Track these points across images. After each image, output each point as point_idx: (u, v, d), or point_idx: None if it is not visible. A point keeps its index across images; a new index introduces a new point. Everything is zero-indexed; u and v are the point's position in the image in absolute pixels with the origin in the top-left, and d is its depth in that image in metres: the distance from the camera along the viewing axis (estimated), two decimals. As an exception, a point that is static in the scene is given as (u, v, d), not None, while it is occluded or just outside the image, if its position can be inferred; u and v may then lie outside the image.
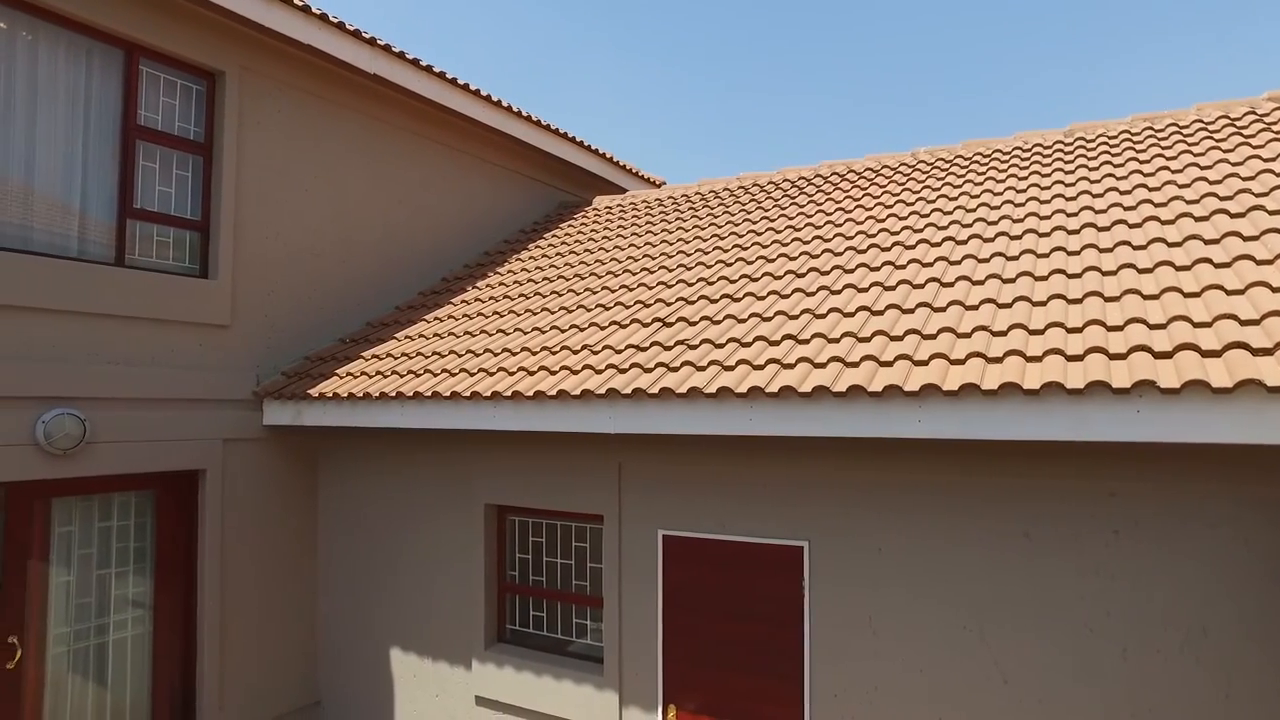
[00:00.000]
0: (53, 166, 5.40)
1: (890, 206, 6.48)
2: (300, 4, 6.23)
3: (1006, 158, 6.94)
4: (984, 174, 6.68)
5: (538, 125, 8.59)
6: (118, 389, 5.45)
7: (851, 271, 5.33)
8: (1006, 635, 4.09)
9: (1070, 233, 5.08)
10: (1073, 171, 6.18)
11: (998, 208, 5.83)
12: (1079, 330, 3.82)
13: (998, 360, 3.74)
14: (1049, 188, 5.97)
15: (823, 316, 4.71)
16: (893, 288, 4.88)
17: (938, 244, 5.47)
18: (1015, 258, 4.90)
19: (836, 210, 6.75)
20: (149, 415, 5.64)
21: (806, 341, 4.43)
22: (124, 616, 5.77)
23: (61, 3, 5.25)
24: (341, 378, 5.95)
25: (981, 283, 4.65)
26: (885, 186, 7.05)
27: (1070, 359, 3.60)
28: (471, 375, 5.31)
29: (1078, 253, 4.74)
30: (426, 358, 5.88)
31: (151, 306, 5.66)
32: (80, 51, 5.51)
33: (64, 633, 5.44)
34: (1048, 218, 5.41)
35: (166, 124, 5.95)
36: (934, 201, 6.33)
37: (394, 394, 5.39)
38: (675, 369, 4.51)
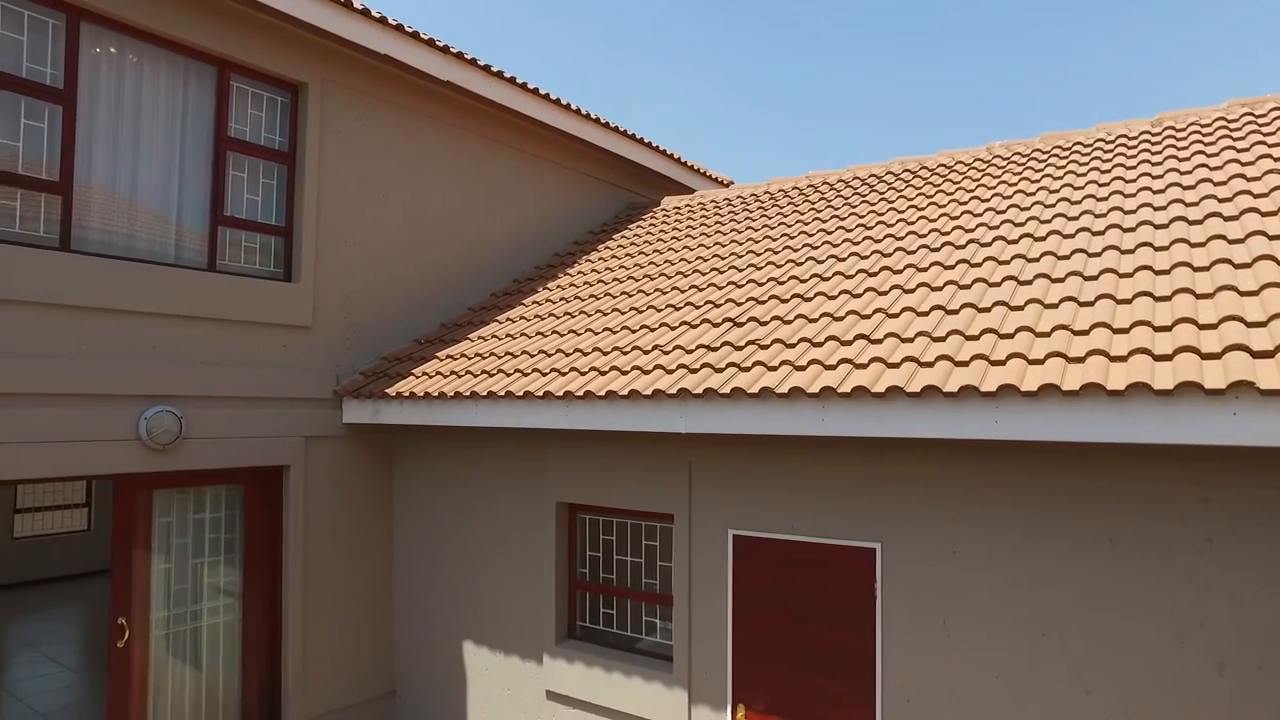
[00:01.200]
0: (153, 179, 5.71)
1: (965, 203, 6.34)
2: (378, 16, 6.43)
3: (1088, 150, 6.71)
4: (1063, 168, 6.47)
5: (606, 127, 8.68)
6: (210, 387, 5.73)
7: (925, 270, 5.24)
8: (1089, 643, 3.96)
9: (1158, 227, 4.89)
10: (1160, 163, 5.94)
11: (1078, 202, 5.65)
12: (1168, 329, 3.68)
13: (1079, 360, 3.63)
14: (1134, 180, 5.76)
15: (896, 316, 4.64)
16: (968, 286, 4.79)
17: (1014, 240, 5.33)
18: (1098, 254, 4.74)
19: (909, 207, 6.63)
20: (238, 413, 5.91)
21: (879, 341, 4.38)
22: (216, 603, 6.06)
23: (163, 26, 5.55)
24: (417, 377, 6.13)
25: (1061, 280, 4.52)
26: (959, 183, 6.90)
27: (1158, 359, 3.47)
28: (543, 375, 5.41)
29: (1166, 248, 4.56)
30: (499, 358, 6.01)
31: (240, 309, 5.93)
32: (179, 70, 5.82)
33: (163, 616, 5.75)
34: (1132, 212, 5.22)
35: (254, 135, 6.23)
36: (1010, 197, 6.17)
37: (468, 393, 5.53)
38: (746, 369, 4.51)
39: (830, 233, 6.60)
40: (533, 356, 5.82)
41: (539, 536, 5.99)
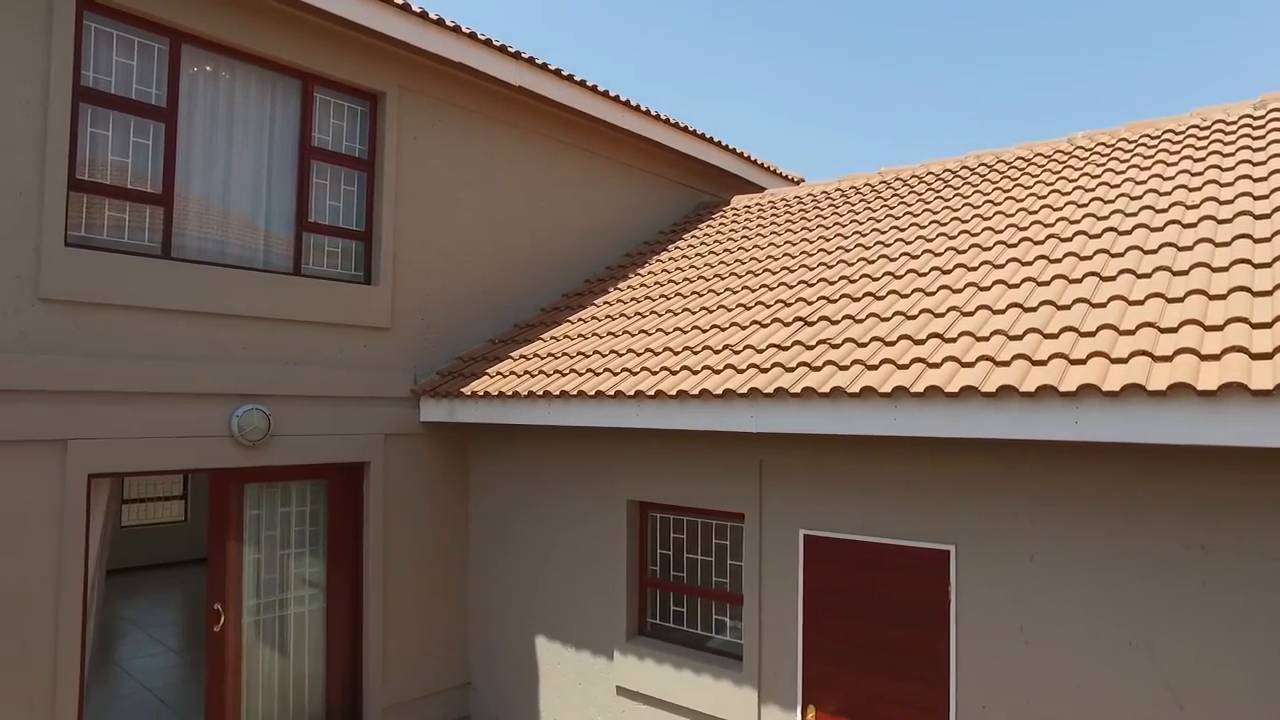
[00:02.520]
0: (244, 188, 6.01)
1: (1044, 197, 6.14)
2: (452, 25, 6.61)
3: (1179, 138, 6.41)
4: (1151, 158, 6.20)
5: (674, 127, 8.71)
6: (296, 387, 6.00)
7: (1001, 267, 5.10)
8: (1181, 656, 3.81)
9: (1258, 217, 4.64)
10: (1263, 149, 5.63)
11: (1168, 193, 5.41)
12: (1267, 325, 3.50)
13: (1167, 359, 3.49)
14: (1231, 169, 5.47)
15: (970, 314, 4.54)
16: (1046, 283, 4.64)
17: (1097, 235, 5.14)
18: (1189, 248, 4.54)
19: (985, 203, 6.46)
20: (321, 411, 6.16)
21: (953, 340, 4.29)
22: (302, 593, 6.34)
23: (253, 43, 5.84)
24: (492, 377, 6.28)
25: (1148, 276, 4.34)
26: (1038, 176, 6.68)
27: (1256, 357, 3.31)
28: (615, 375, 5.48)
29: (1268, 239, 4.33)
30: (571, 357, 6.11)
31: (323, 311, 6.19)
32: (266, 85, 6.10)
33: (254, 604, 6.05)
34: (1229, 202, 4.97)
35: (335, 143, 6.48)
36: (1093, 190, 5.95)
37: (541, 393, 5.64)
38: (817, 368, 4.49)
39: (903, 229, 6.48)
40: (604, 356, 5.90)
41: (610, 534, 6.07)
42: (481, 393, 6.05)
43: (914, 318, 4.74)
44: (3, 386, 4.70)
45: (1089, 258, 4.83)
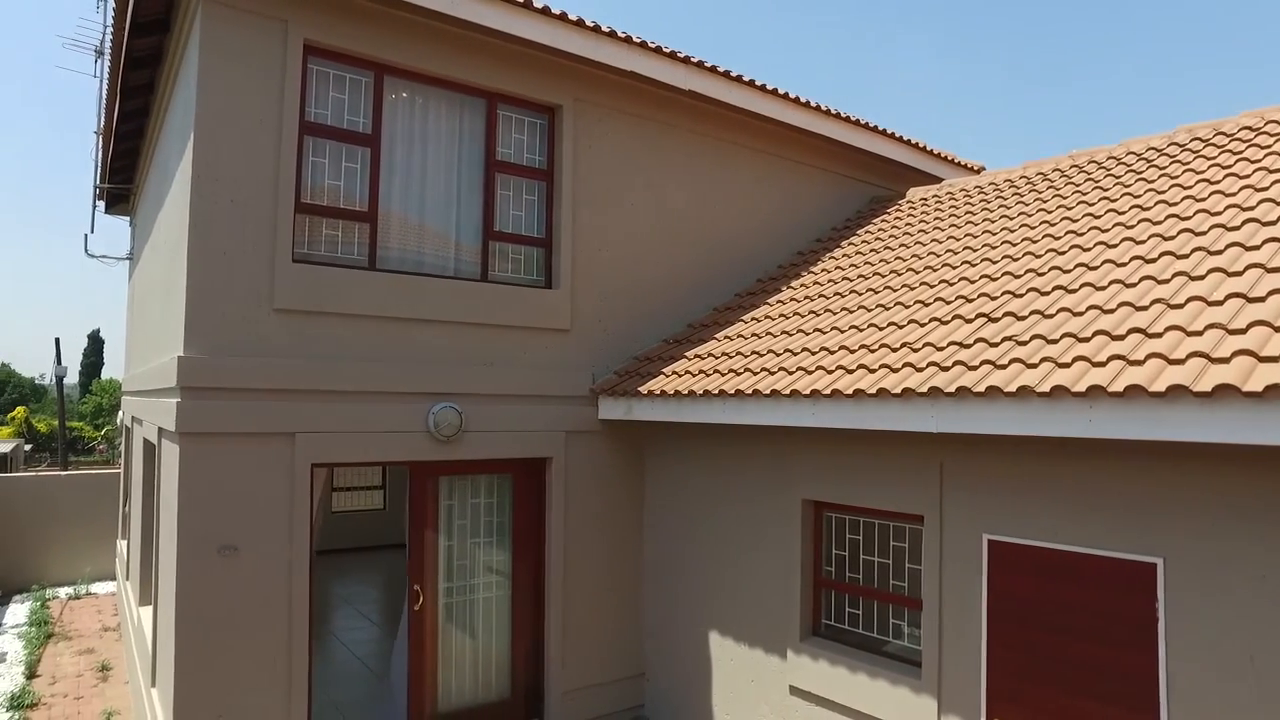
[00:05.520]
0: (436, 203, 6.52)
1: (1275, 171, 5.50)
2: (623, 36, 6.85)
3: None
4: None
5: (845, 121, 8.54)
6: (484, 385, 6.43)
7: (1219, 253, 4.63)
8: None
9: None
10: None
11: None
12: None
13: None
14: None
15: (1179, 307, 4.17)
16: (1277, 269, 4.17)
17: (1340, 214, 4.55)
18: None
19: (1199, 181, 5.87)
20: (508, 409, 6.57)
21: (1159, 335, 3.96)
22: (489, 579, 6.79)
23: (444, 69, 6.34)
24: (667, 376, 6.45)
25: (1406, 259, 3.81)
26: (1269, 147, 5.98)
27: None
28: (790, 374, 5.47)
29: None
30: (745, 357, 6.16)
31: (508, 315, 6.60)
32: (455, 106, 6.59)
33: (447, 587, 6.55)
34: None
35: (517, 156, 6.89)
36: (1335, 163, 5.26)
37: (716, 392, 5.73)
38: (1003, 366, 4.28)
39: (1098, 216, 6.02)
40: (778, 355, 5.90)
41: (784, 532, 6.06)
42: (658, 391, 6.22)
43: (1111, 312, 4.41)
44: (249, 386, 5.41)
45: (1327, 241, 4.29)
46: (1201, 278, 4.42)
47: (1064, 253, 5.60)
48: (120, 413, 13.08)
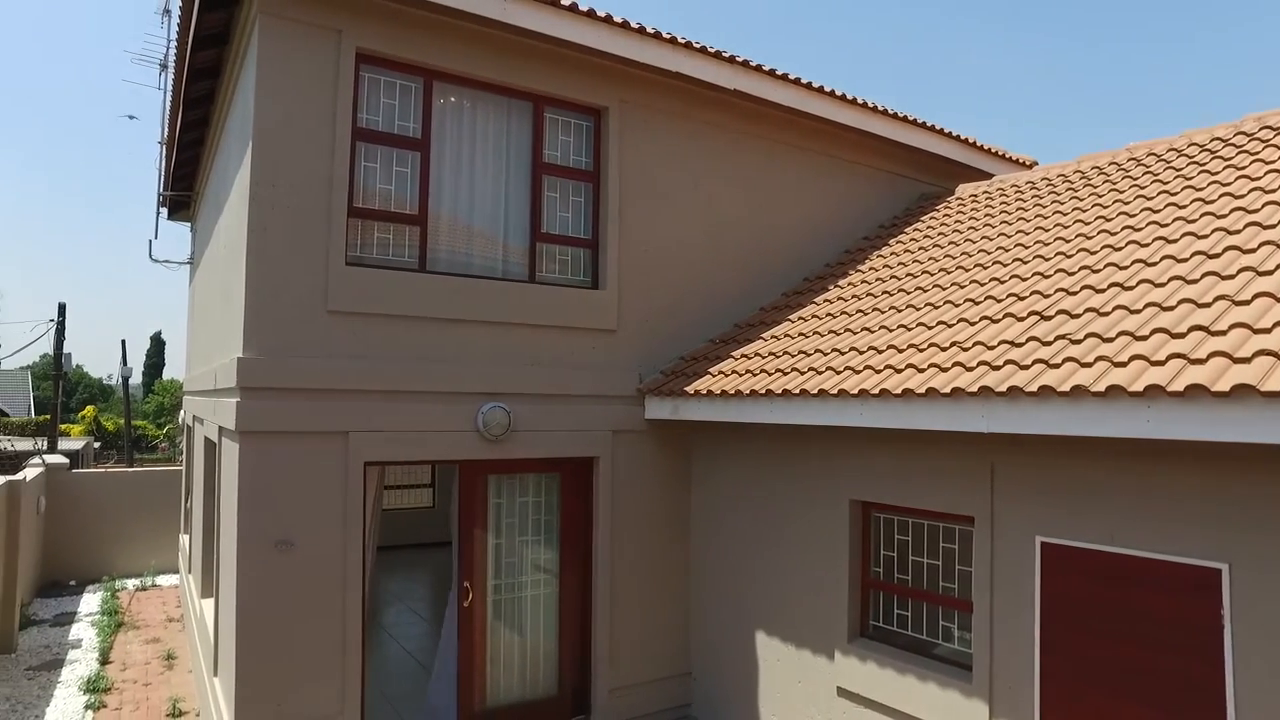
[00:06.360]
0: (484, 205, 6.62)
1: (1343, 164, 5.29)
2: (668, 37, 6.87)
3: None
4: None
5: (893, 118, 8.43)
6: (532, 385, 6.51)
7: (1286, 247, 4.47)
8: None
9: None
10: None
11: None
12: None
13: None
14: None
15: (1245, 303, 4.03)
16: (1347, 265, 4.01)
17: None
18: None
19: (1269, 172, 5.65)
20: (555, 409, 6.64)
21: (1222, 333, 3.84)
22: (537, 577, 6.87)
23: (491, 73, 6.43)
24: (714, 376, 6.45)
25: None
26: (1336, 139, 5.75)
27: None
28: (838, 373, 5.44)
29: None
30: (793, 356, 6.13)
31: (556, 315, 6.67)
32: (502, 110, 6.69)
33: (496, 584, 6.64)
34: None
35: (564, 158, 6.96)
36: None
37: (763, 391, 5.72)
38: (1056, 365, 4.20)
39: (1157, 211, 5.85)
40: (825, 355, 5.86)
41: (831, 533, 6.02)
42: (704, 391, 6.23)
43: (1171, 309, 4.29)
44: (305, 386, 5.56)
45: (1403, 234, 4.11)
46: (1270, 273, 4.27)
47: (1120, 248, 5.46)
48: (181, 412, 13.53)
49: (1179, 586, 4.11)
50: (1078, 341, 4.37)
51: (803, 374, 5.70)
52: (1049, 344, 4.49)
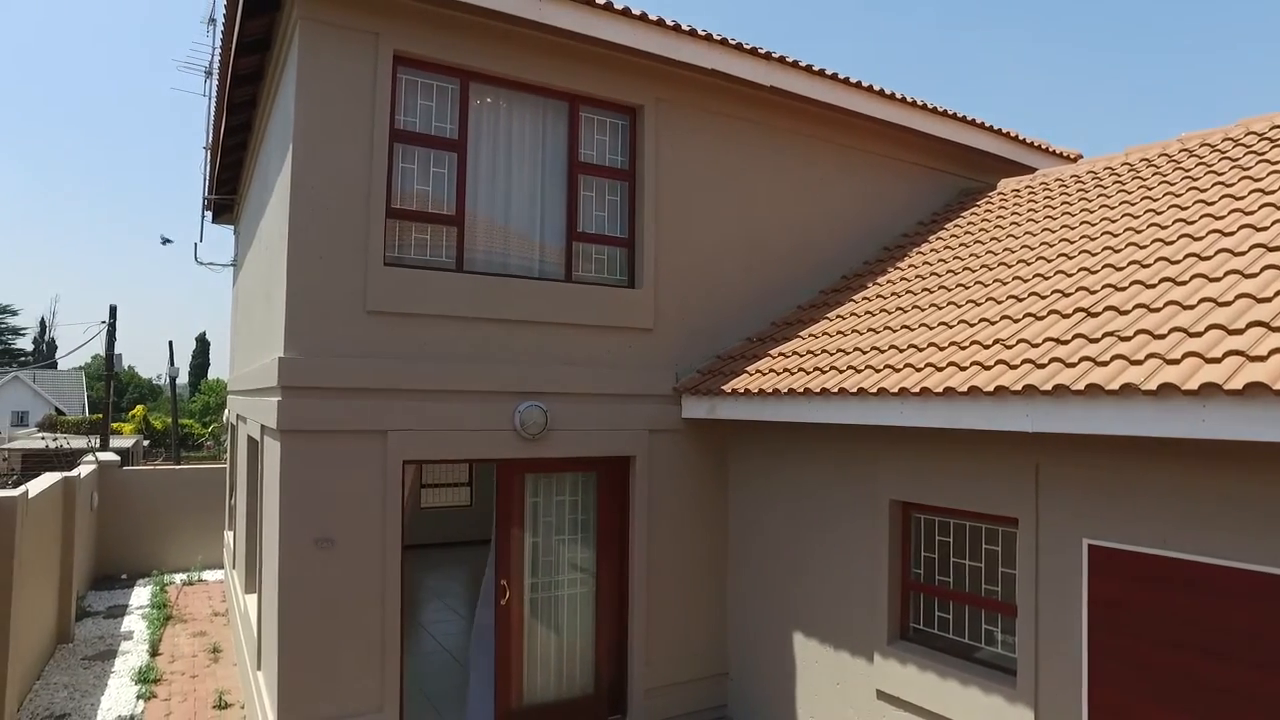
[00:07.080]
0: (521, 205, 6.64)
1: None
2: (703, 34, 6.82)
3: None
4: None
5: (932, 112, 8.29)
6: (569, 385, 6.52)
7: (1349, 240, 4.29)
8: None
9: None
10: None
11: None
12: None
13: None
14: None
15: (1305, 298, 3.88)
16: None
17: None
18: None
19: (1324, 165, 5.46)
20: (592, 408, 6.64)
21: (1282, 329, 3.70)
22: (574, 576, 6.87)
23: (527, 74, 6.45)
24: (750, 375, 6.40)
25: None
26: (1401, 127, 5.52)
27: None
28: (877, 372, 5.36)
29: None
30: (831, 354, 6.06)
31: (593, 315, 6.66)
32: (538, 110, 6.70)
33: (532, 583, 6.66)
34: None
35: (600, 157, 6.95)
36: None
37: (801, 390, 5.65)
38: (1104, 363, 4.08)
39: (1211, 203, 5.67)
40: (865, 354, 5.78)
41: (870, 533, 5.94)
42: (741, 390, 6.18)
43: (1227, 304, 4.15)
44: (344, 385, 5.63)
45: None
46: (1329, 267, 4.11)
47: (1171, 242, 5.30)
48: (226, 411, 13.81)
49: (1243, 594, 3.95)
50: (1127, 338, 4.24)
51: (841, 372, 5.62)
52: (1096, 341, 4.37)
